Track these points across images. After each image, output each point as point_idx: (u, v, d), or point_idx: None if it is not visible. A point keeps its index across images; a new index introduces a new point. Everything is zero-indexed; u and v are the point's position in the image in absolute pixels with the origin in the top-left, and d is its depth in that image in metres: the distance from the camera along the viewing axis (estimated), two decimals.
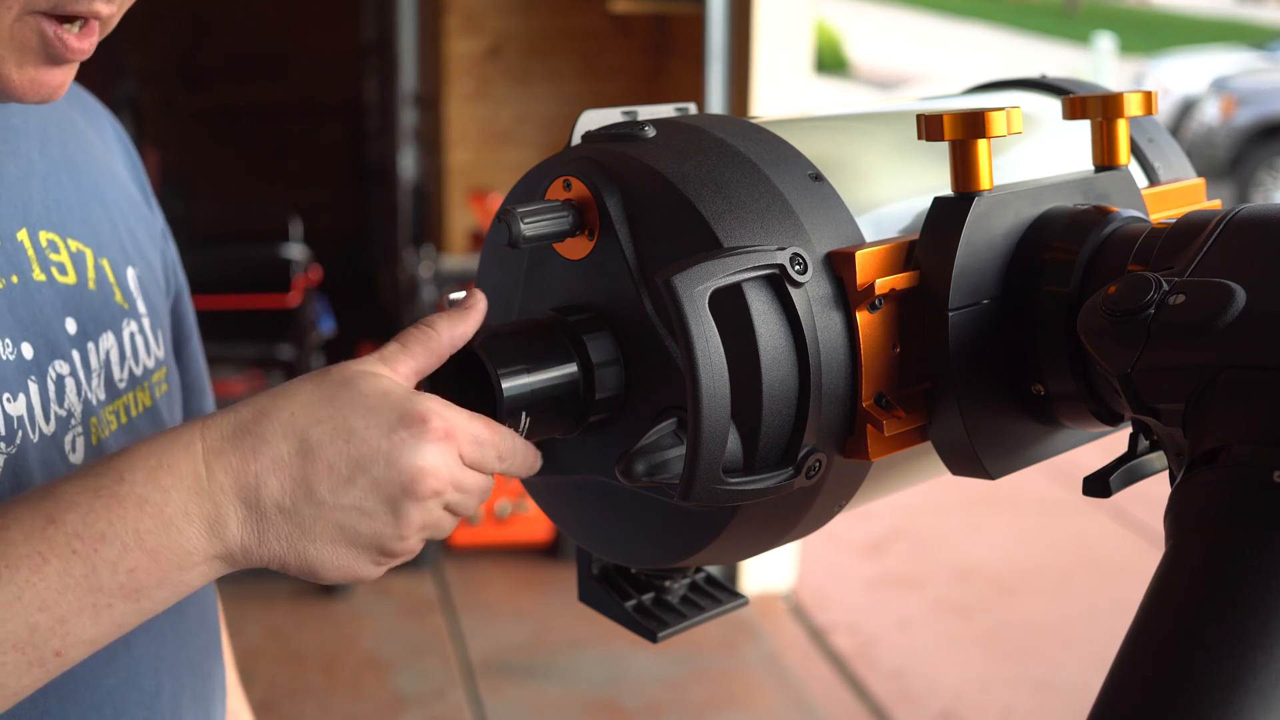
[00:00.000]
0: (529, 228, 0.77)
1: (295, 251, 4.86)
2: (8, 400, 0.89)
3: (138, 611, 0.77)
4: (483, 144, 5.68)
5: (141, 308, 1.05)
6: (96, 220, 1.03)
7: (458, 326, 0.81)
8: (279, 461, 0.76)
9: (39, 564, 0.74)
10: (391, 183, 6.51)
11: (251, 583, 4.13)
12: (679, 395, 0.74)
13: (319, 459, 0.76)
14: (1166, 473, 0.74)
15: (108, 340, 1.00)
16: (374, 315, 6.74)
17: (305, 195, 6.92)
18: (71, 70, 0.89)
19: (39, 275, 0.95)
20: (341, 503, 0.76)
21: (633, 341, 0.78)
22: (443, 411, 0.77)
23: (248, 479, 0.76)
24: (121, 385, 1.00)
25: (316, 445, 0.76)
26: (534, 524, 4.36)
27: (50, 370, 0.93)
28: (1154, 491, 0.79)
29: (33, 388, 0.92)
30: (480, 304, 0.82)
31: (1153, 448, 0.79)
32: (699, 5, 4.13)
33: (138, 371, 1.03)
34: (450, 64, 5.60)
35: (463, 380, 0.81)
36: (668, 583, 0.91)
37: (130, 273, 1.05)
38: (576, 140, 0.84)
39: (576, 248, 0.80)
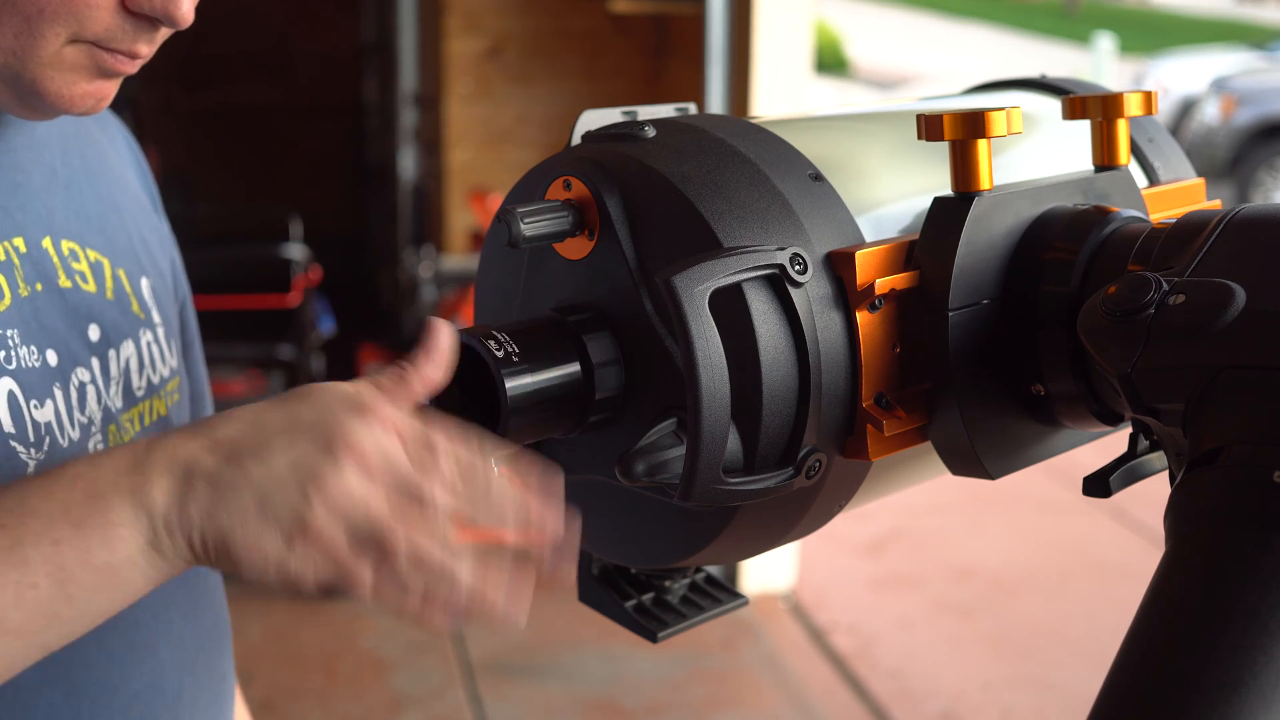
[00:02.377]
0: (529, 228, 0.77)
1: (295, 251, 4.86)
2: (35, 407, 0.90)
3: (65, 599, 0.73)
4: (483, 144, 5.68)
5: (156, 318, 1.06)
6: (113, 230, 1.04)
7: (428, 372, 0.76)
8: (219, 441, 0.74)
9: None
10: (391, 183, 6.50)
11: (252, 582, 4.12)
12: (679, 395, 0.74)
13: (256, 436, 0.73)
14: (1166, 473, 0.74)
15: (127, 348, 1.00)
16: (374, 315, 6.74)
17: (305, 195, 6.92)
18: (118, 83, 0.90)
19: (64, 282, 0.96)
20: (262, 469, 0.72)
21: (633, 341, 0.78)
22: (392, 408, 0.74)
23: (181, 454, 0.74)
24: (139, 394, 1.01)
25: (260, 426, 0.74)
26: None
27: (73, 377, 0.94)
28: (1154, 491, 0.79)
29: (58, 395, 0.92)
30: (444, 344, 0.76)
31: (1153, 448, 0.79)
32: (699, 5, 4.13)
33: (154, 380, 1.03)
34: (450, 64, 5.61)
35: (465, 381, 0.81)
36: (668, 583, 0.91)
37: (145, 283, 1.06)
38: (576, 140, 0.84)
39: (576, 248, 0.80)
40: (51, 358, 0.93)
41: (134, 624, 0.97)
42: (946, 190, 0.77)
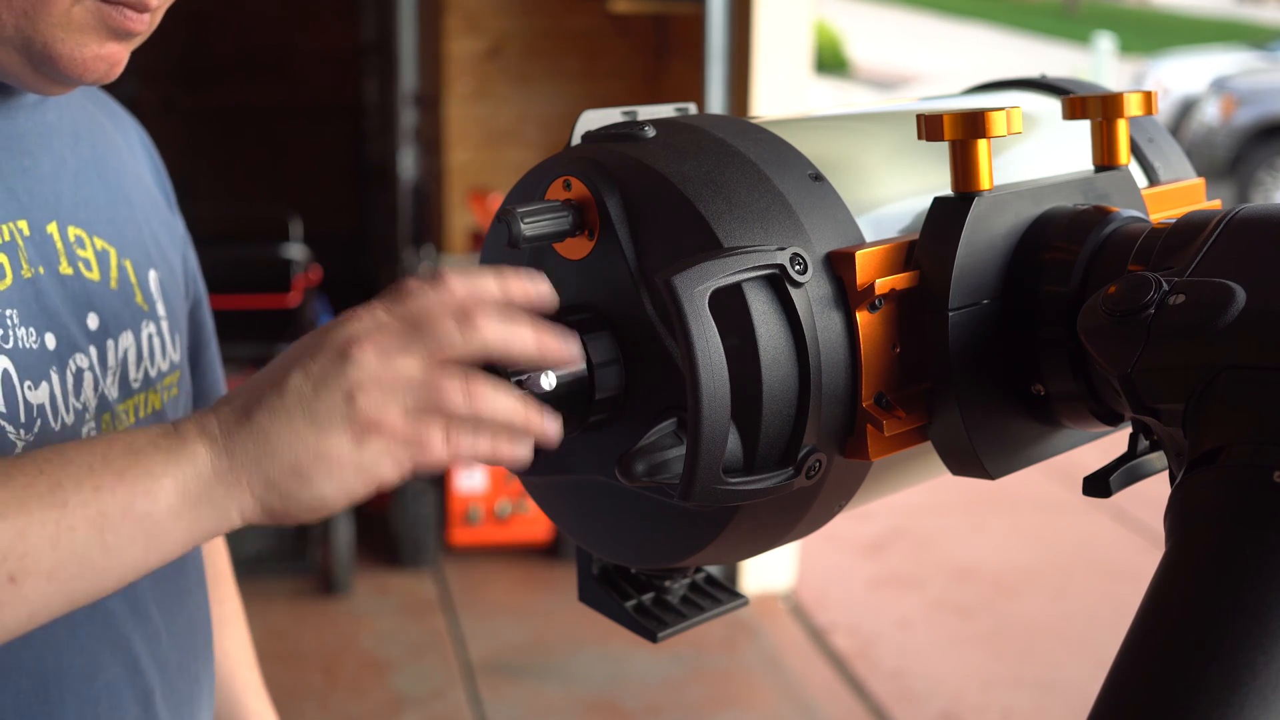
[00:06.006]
0: (529, 228, 0.77)
1: (295, 251, 4.86)
2: (29, 388, 0.90)
3: (101, 547, 0.75)
4: (483, 144, 5.68)
5: (161, 310, 1.06)
6: (122, 221, 1.04)
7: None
8: (235, 395, 0.78)
9: (2, 480, 0.73)
10: (391, 183, 6.50)
11: (251, 583, 4.12)
12: (679, 395, 0.74)
13: (269, 377, 0.77)
14: (1166, 473, 0.74)
15: (126, 339, 1.01)
16: None
17: (305, 195, 6.91)
18: (129, 47, 0.91)
19: (66, 269, 0.97)
20: (284, 396, 0.75)
21: (632, 341, 0.78)
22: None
23: (207, 421, 0.77)
24: (135, 385, 1.01)
25: (269, 370, 0.77)
26: (534, 524, 4.36)
27: (70, 363, 0.94)
28: (1154, 491, 0.79)
29: (54, 378, 0.93)
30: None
31: (1153, 448, 0.79)
32: (699, 5, 4.13)
33: (152, 373, 1.04)
34: (450, 64, 5.60)
35: None
36: (668, 583, 0.91)
37: (152, 275, 1.06)
38: (576, 140, 0.84)
39: (576, 248, 0.80)
40: (50, 341, 0.93)
41: (108, 614, 0.97)
42: (946, 190, 0.77)
